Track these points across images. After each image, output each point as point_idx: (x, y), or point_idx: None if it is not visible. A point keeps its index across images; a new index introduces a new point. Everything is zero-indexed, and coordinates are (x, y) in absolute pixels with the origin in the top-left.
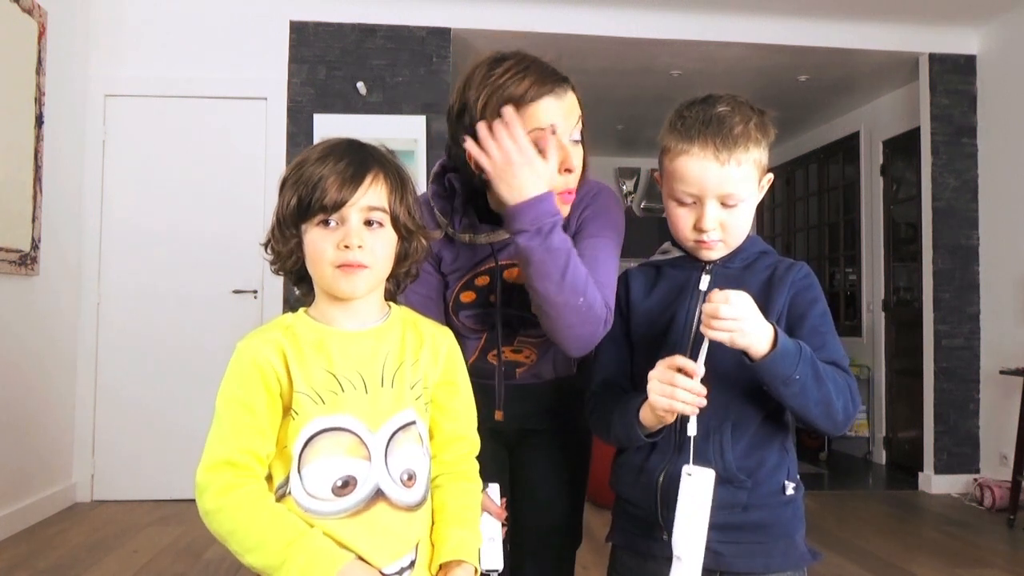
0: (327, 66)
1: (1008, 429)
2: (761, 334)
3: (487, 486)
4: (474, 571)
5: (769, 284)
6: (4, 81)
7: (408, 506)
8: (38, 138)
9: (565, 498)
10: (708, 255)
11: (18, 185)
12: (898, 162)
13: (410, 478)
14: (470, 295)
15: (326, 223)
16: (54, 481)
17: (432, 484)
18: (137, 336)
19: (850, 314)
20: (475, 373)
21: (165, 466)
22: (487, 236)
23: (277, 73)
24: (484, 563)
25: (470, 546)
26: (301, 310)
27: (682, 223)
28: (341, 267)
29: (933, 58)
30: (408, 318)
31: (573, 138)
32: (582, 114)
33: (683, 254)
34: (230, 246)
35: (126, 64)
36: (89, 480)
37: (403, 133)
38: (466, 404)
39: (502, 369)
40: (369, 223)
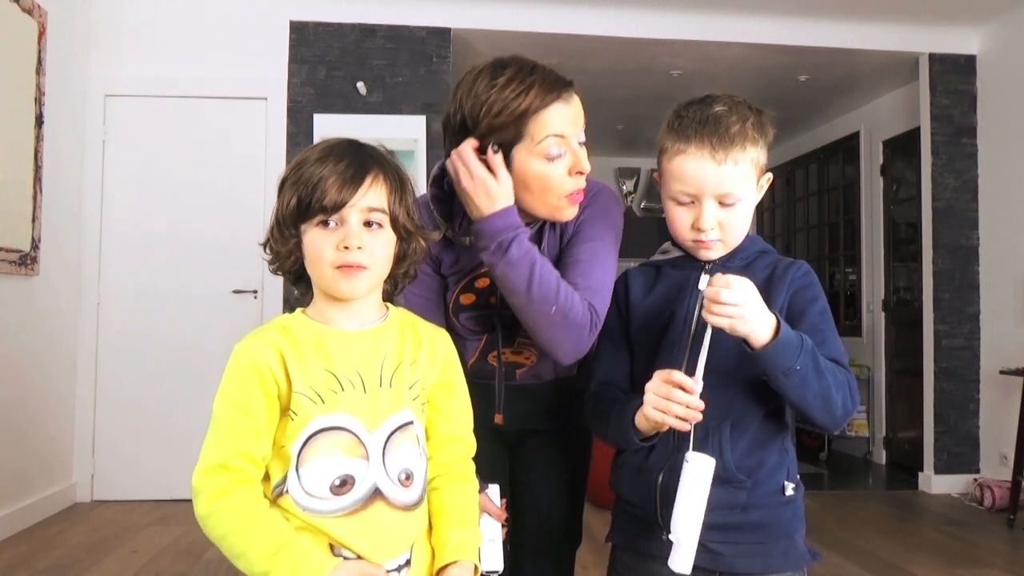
0: (327, 66)
1: (1008, 429)
2: (763, 322)
3: (487, 487)
4: (475, 569)
5: (769, 283)
6: (4, 81)
7: (405, 506)
8: (38, 138)
9: (565, 498)
10: (707, 255)
11: (18, 185)
12: (898, 162)
13: (407, 478)
14: (470, 297)
15: (325, 224)
16: (54, 481)
17: (429, 486)
18: (137, 336)
19: (850, 314)
20: (475, 374)
21: (165, 466)
22: None
23: (277, 73)
24: (484, 564)
25: (471, 546)
26: (298, 310)
27: (680, 223)
28: (341, 268)
29: (933, 58)
30: (406, 319)
31: (580, 140)
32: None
33: (682, 254)
34: (230, 246)
35: (126, 64)
36: (89, 480)
37: (403, 133)
38: (463, 405)
39: (502, 372)
40: (368, 224)
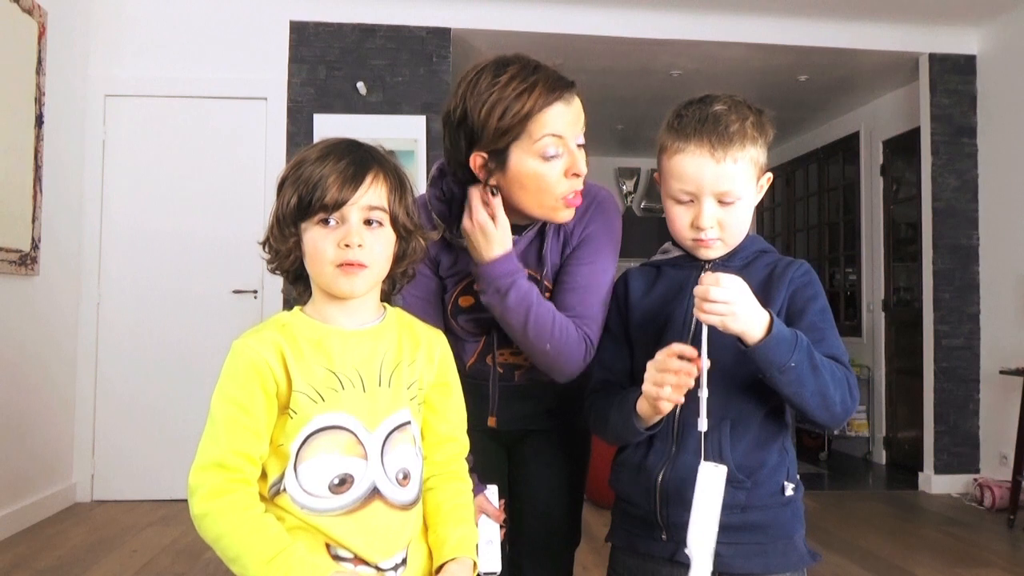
0: (327, 66)
1: (1008, 429)
2: (755, 319)
3: (485, 488)
4: (473, 566)
5: (768, 282)
6: (4, 81)
7: (402, 505)
8: (38, 138)
9: (564, 498)
10: (707, 254)
11: (18, 185)
12: (898, 162)
13: (405, 477)
14: (469, 299)
15: (326, 222)
16: (54, 481)
17: (424, 486)
18: (137, 336)
19: (850, 314)
20: (473, 375)
21: (165, 466)
22: None
23: (277, 73)
24: (482, 565)
25: (469, 543)
26: (296, 308)
27: (680, 221)
28: (341, 266)
29: (933, 58)
30: (403, 320)
31: (579, 142)
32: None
33: (683, 253)
34: (230, 246)
35: (126, 64)
36: (89, 480)
37: (403, 133)
38: (458, 406)
39: (496, 376)
40: (368, 222)
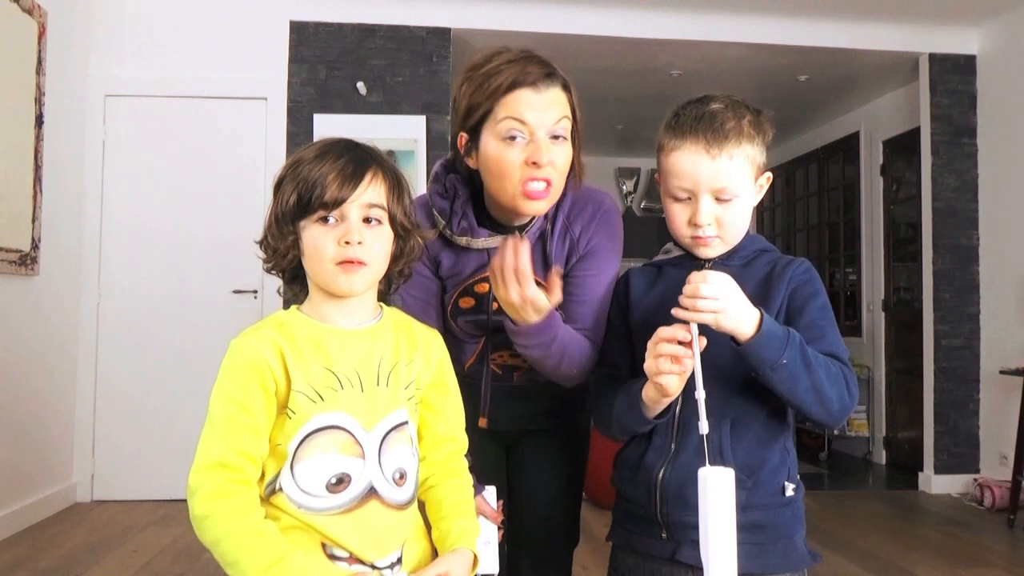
0: (327, 66)
1: (1008, 429)
2: (746, 316)
3: (483, 489)
4: (474, 559)
5: (768, 280)
6: (4, 81)
7: (398, 505)
8: (38, 138)
9: (563, 498)
10: (705, 252)
11: (18, 185)
12: (898, 162)
13: (401, 477)
14: (469, 301)
15: (325, 220)
16: (54, 481)
17: (424, 485)
18: (137, 336)
19: (850, 314)
20: (472, 376)
21: (165, 466)
22: (484, 242)
23: (277, 73)
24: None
25: (471, 535)
26: (293, 307)
27: (678, 219)
28: (341, 264)
29: (933, 58)
30: (400, 319)
31: (552, 133)
32: (575, 115)
33: (683, 253)
34: (230, 246)
35: (126, 64)
36: (89, 480)
37: (403, 133)
38: (456, 405)
39: (489, 377)
40: (367, 220)
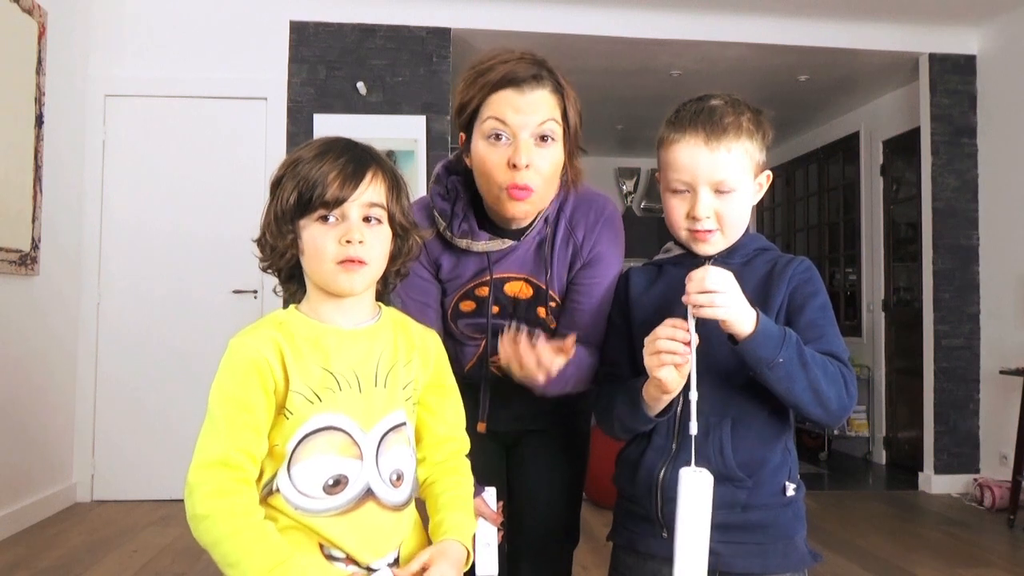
0: (327, 66)
1: (1008, 429)
2: (744, 313)
3: (483, 490)
4: (467, 554)
5: (769, 278)
6: (4, 81)
7: (395, 506)
8: (38, 138)
9: (563, 498)
10: (704, 248)
11: (18, 185)
12: (898, 162)
13: (398, 478)
14: (470, 304)
15: (325, 219)
16: (54, 481)
17: (425, 484)
18: (137, 336)
19: (850, 314)
20: (471, 378)
21: (165, 466)
22: (484, 244)
23: (277, 73)
24: (479, 568)
25: (464, 528)
26: (291, 307)
27: (676, 213)
28: (342, 263)
29: (933, 58)
30: (398, 319)
31: (536, 135)
32: (567, 119)
33: (684, 252)
34: (230, 246)
35: (126, 64)
36: (89, 480)
37: (403, 133)
38: (455, 405)
39: (488, 382)
40: (368, 220)
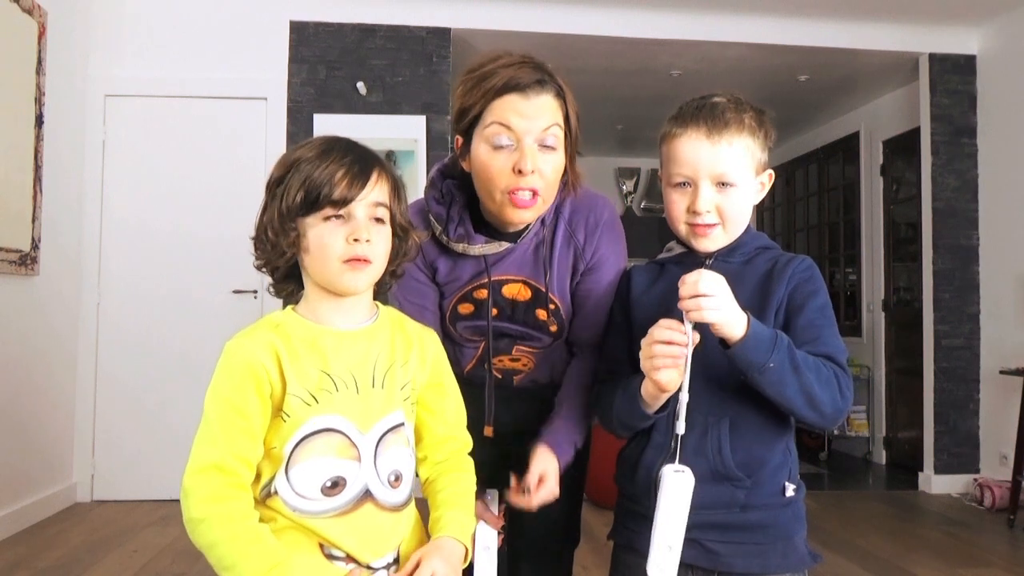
0: (327, 66)
1: (1008, 429)
2: (734, 318)
3: (485, 493)
4: (465, 551)
5: (769, 277)
6: (4, 81)
7: (393, 506)
8: (38, 138)
9: (563, 498)
10: (705, 244)
11: (18, 185)
12: (898, 162)
13: (397, 479)
14: (468, 307)
15: (331, 218)
16: (54, 481)
17: (426, 483)
18: (137, 336)
19: (850, 314)
20: (471, 380)
21: (165, 466)
22: (480, 248)
23: (277, 73)
24: (477, 572)
25: (462, 525)
26: (288, 308)
27: (677, 207)
28: (349, 261)
29: (933, 58)
30: (395, 318)
31: (540, 141)
32: (568, 124)
33: (685, 250)
34: (230, 246)
35: (126, 64)
36: (89, 480)
37: (403, 133)
38: (455, 404)
39: (492, 385)
40: (373, 219)
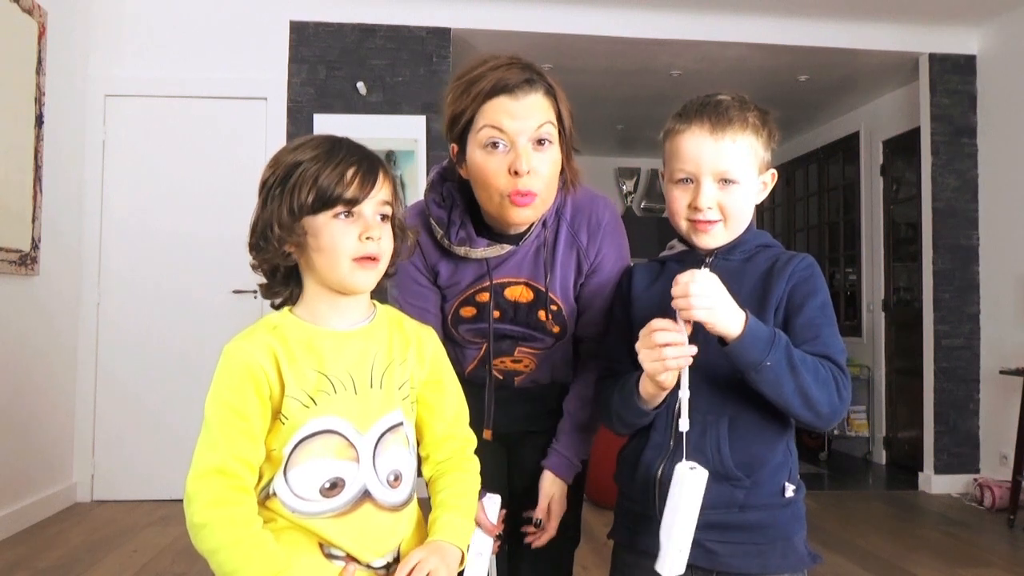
0: (327, 66)
1: (1008, 429)
2: (730, 317)
3: (486, 496)
4: (461, 556)
5: (769, 275)
6: (4, 81)
7: (393, 506)
8: (38, 138)
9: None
10: (706, 241)
11: (18, 185)
12: (898, 162)
13: (396, 479)
14: (470, 310)
15: (341, 216)
16: (54, 481)
17: (429, 482)
18: (137, 336)
19: (850, 314)
20: (472, 380)
21: (165, 466)
22: (483, 251)
23: (277, 73)
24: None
25: (457, 529)
26: (285, 309)
27: (678, 203)
28: (360, 260)
29: (933, 58)
30: (393, 317)
31: (535, 139)
32: (561, 120)
33: (686, 248)
34: (230, 246)
35: (126, 64)
36: (89, 480)
37: (403, 133)
38: (456, 401)
39: (493, 386)
40: (379, 217)
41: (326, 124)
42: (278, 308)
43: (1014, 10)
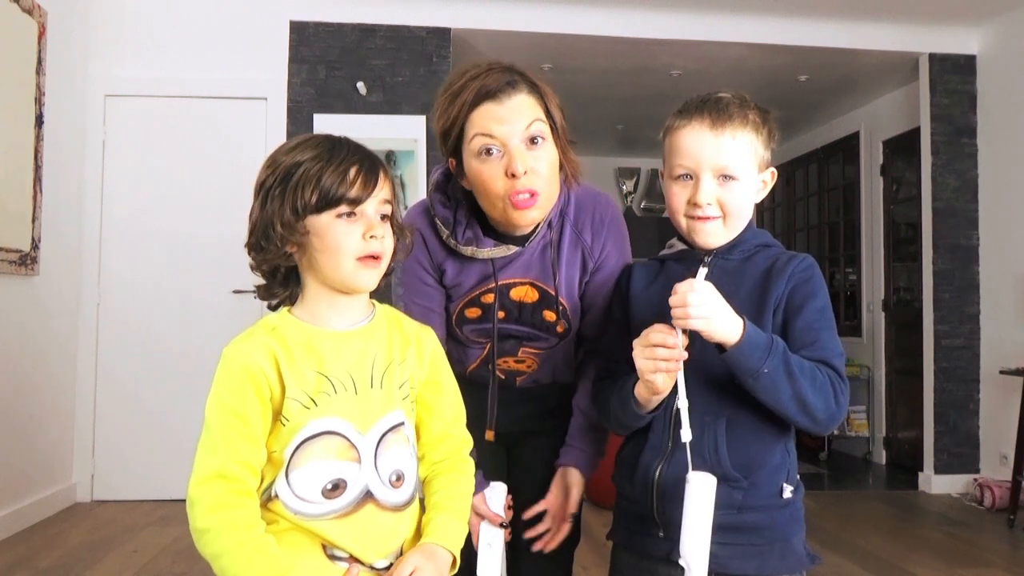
0: (327, 66)
1: (1008, 429)
2: (728, 325)
3: (489, 485)
4: (452, 560)
5: (768, 275)
6: (4, 81)
7: (395, 506)
8: (38, 138)
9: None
10: (705, 238)
11: (18, 185)
12: (898, 162)
13: (398, 479)
14: (475, 311)
15: (344, 215)
16: (54, 481)
17: (424, 482)
18: (137, 336)
19: (850, 314)
20: (474, 380)
21: (165, 466)
22: (489, 252)
23: (277, 73)
24: (480, 570)
25: (450, 532)
26: (283, 310)
27: (677, 199)
28: (363, 259)
29: (933, 58)
30: (392, 316)
31: (527, 138)
32: (551, 115)
33: (686, 247)
34: (230, 246)
35: (126, 64)
36: (89, 480)
37: (403, 133)
38: (453, 402)
39: (495, 389)
40: (380, 216)
41: (326, 124)
42: (274, 309)
43: (1014, 10)
